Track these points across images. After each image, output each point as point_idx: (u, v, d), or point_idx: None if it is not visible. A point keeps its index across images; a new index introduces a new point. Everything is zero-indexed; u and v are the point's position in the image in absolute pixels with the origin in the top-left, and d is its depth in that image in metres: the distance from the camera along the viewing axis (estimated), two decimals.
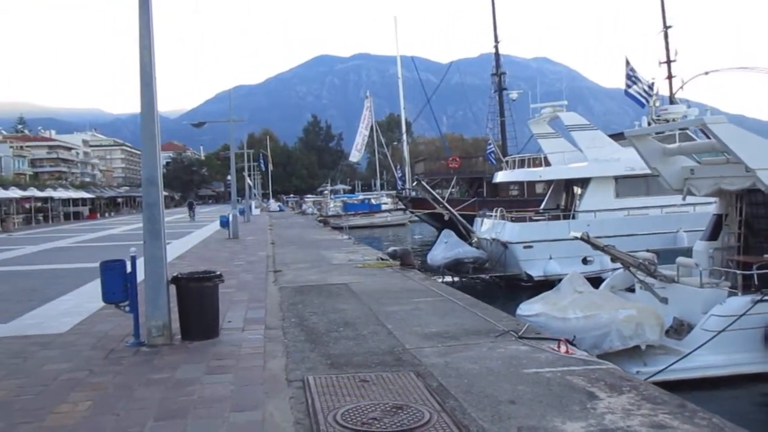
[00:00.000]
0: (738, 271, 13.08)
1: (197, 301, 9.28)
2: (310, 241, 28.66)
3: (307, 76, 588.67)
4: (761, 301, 12.20)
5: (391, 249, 20.85)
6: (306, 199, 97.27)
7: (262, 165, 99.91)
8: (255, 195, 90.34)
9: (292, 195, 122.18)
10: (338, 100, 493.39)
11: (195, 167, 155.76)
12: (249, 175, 69.41)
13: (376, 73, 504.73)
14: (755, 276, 12.67)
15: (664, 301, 13.98)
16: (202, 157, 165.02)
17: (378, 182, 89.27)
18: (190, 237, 33.02)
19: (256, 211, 67.42)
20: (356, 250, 23.58)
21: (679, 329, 13.20)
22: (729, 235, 15.41)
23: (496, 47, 49.47)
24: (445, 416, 5.85)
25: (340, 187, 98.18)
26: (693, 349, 11.99)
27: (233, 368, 7.74)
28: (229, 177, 37.16)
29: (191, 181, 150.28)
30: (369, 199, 76.18)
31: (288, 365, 7.84)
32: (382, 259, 19.73)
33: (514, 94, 47.18)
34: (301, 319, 10.80)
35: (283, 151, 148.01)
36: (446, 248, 23.95)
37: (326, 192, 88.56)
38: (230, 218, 31.74)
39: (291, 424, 5.83)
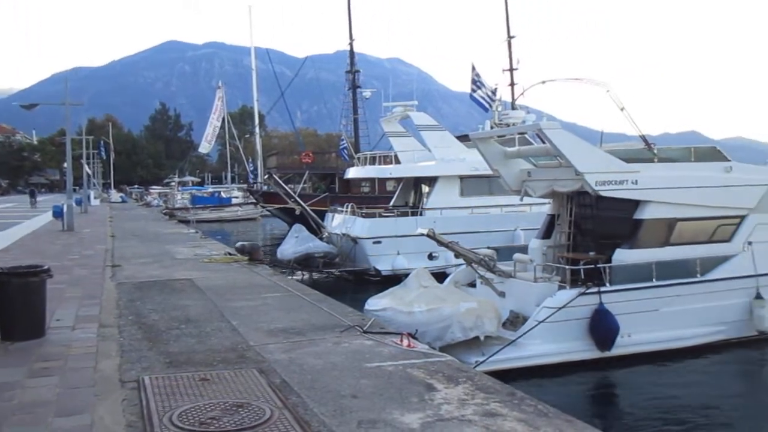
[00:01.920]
0: (567, 267, 14.08)
1: (20, 298, 8.51)
2: (153, 235, 27.37)
3: (156, 61, 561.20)
4: (586, 294, 13.23)
5: (239, 244, 20.37)
6: (151, 191, 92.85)
7: (103, 153, 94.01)
8: (94, 184, 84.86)
9: (136, 186, 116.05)
10: (189, 89, 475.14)
11: (26, 152, 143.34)
12: (88, 163, 64.97)
13: (230, 63, 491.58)
14: (582, 271, 13.71)
15: (502, 294, 14.76)
16: (35, 142, 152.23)
17: (229, 175, 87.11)
18: (18, 228, 30.32)
19: (95, 202, 63.45)
20: (203, 245, 22.84)
21: (515, 321, 14.00)
22: (560, 234, 16.59)
23: (350, 45, 49.95)
24: (286, 413, 5.78)
25: (188, 178, 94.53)
26: (517, 337, 12.74)
27: (60, 370, 7.18)
28: (65, 164, 34.55)
29: (21, 168, 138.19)
30: (219, 192, 74.10)
31: (122, 365, 7.40)
32: (229, 254, 19.25)
33: (367, 93, 47.84)
34: (140, 317, 10.26)
35: (128, 138, 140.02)
36: (297, 243, 23.82)
37: (173, 183, 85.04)
38: (64, 208, 29.49)
39: (122, 427, 5.51)
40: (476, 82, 29.62)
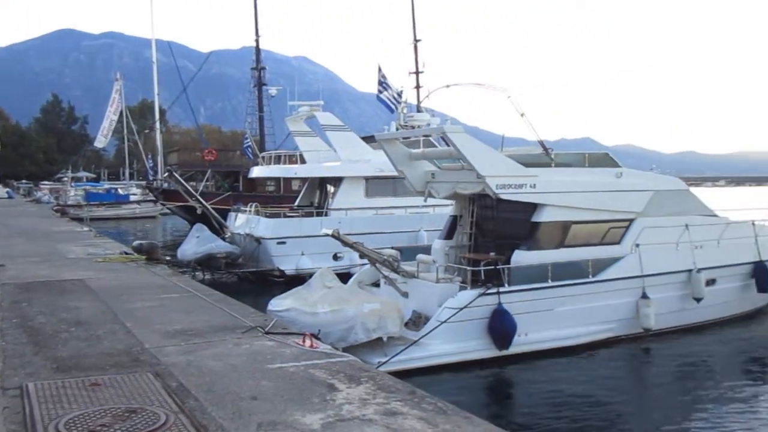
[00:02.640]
0: (468, 268, 14.42)
1: None
2: (43, 233, 25.89)
3: (48, 50, 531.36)
4: (485, 294, 13.59)
5: (136, 243, 19.60)
6: (42, 186, 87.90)
7: None
8: None
9: (24, 181, 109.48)
10: (84, 81, 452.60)
11: None
12: None
13: (129, 54, 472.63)
14: (482, 272, 14.07)
15: (405, 295, 14.93)
16: None
17: (127, 171, 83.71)
18: None
19: None
20: (97, 244, 21.79)
21: (417, 321, 14.19)
22: (462, 235, 16.97)
23: (256, 41, 49.20)
24: (183, 417, 5.58)
25: (83, 174, 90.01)
26: (419, 338, 12.95)
27: None
28: None
29: None
30: (116, 189, 71.13)
31: (4, 371, 6.94)
32: (126, 254, 18.47)
33: (273, 90, 47.20)
34: (25, 319, 9.65)
35: (15, 131, 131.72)
36: (198, 243, 23.19)
37: (66, 179, 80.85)
38: None
39: None
40: (382, 84, 29.84)
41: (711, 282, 16.60)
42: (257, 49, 49.34)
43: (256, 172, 33.06)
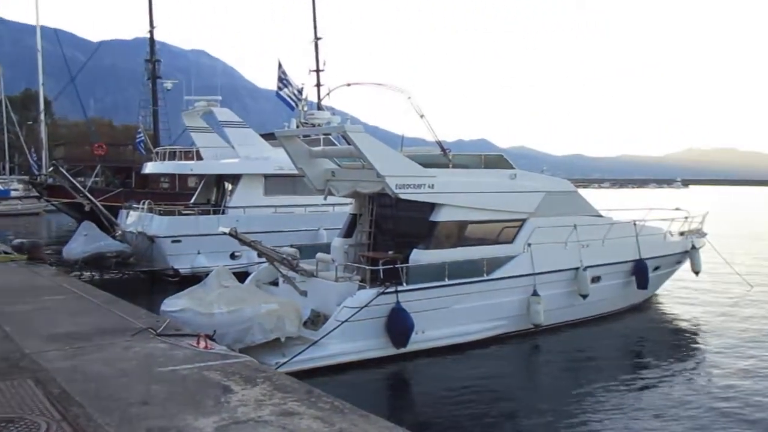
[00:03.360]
0: (367, 267, 14.49)
1: None
2: None
3: None
4: (384, 293, 13.71)
5: (17, 241, 18.47)
6: None
7: None
8: None
9: None
10: None
11: None
12: None
13: (9, 41, 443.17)
14: (381, 271, 14.18)
15: (304, 294, 14.83)
16: None
17: (7, 165, 78.58)
18: None
19: None
20: None
21: (316, 320, 14.12)
22: (361, 234, 17.04)
23: (151, 33, 47.29)
24: (65, 425, 5.30)
25: None
26: (318, 338, 12.91)
27: None
28: None
29: None
30: None
31: None
32: (5, 253, 17.36)
33: (168, 84, 45.66)
34: None
35: None
36: (86, 241, 22.09)
37: None
38: None
39: None
40: (282, 80, 29.49)
41: (596, 279, 17.49)
42: (151, 40, 47.47)
43: (150, 168, 31.88)
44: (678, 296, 21.37)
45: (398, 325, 13.71)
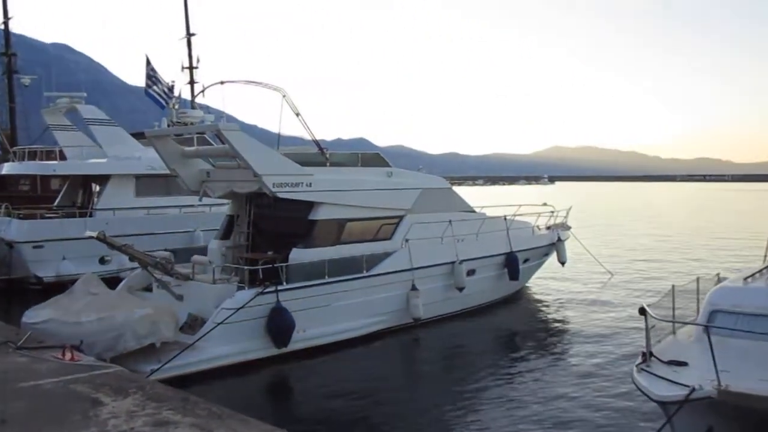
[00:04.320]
0: (245, 267, 14.25)
1: None
2: None
3: None
4: (263, 293, 13.53)
5: None
6: None
7: None
8: None
9: None
10: None
11: None
12: None
13: None
14: (260, 271, 13.98)
15: (180, 298, 14.37)
16: None
17: None
18: None
19: None
20: None
21: (194, 324, 13.72)
22: (240, 234, 16.72)
23: (6, 23, 43.97)
24: None
25: None
26: (195, 341, 12.58)
27: None
28: None
29: None
30: None
31: None
32: None
33: (26, 80, 42.57)
34: None
35: None
36: None
37: None
38: None
39: None
40: (152, 78, 28.27)
41: (471, 272, 18.15)
42: (6, 32, 44.08)
43: (7, 169, 29.59)
44: (547, 286, 22.58)
45: (279, 324, 13.59)
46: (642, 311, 8.50)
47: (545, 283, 23.02)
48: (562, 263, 22.47)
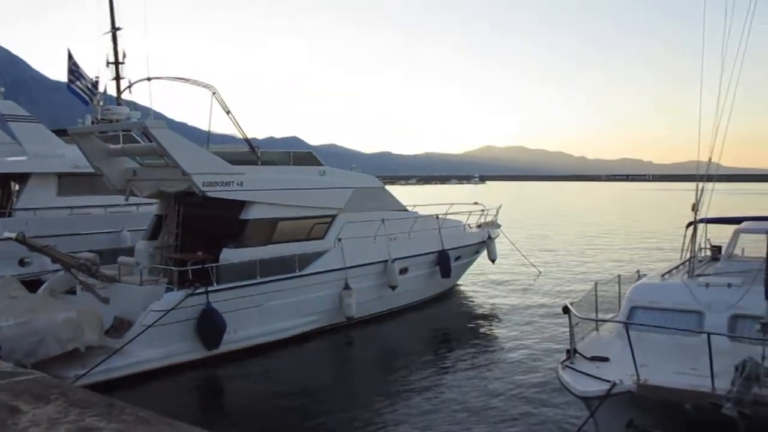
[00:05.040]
0: (174, 268, 13.94)
1: None
2: None
3: None
4: (193, 294, 13.28)
5: None
6: None
7: None
8: None
9: None
10: None
11: None
12: None
13: None
14: (190, 272, 13.71)
15: (106, 300, 13.95)
16: None
17: None
18: None
19: None
20: None
21: (120, 327, 13.34)
22: (168, 235, 16.33)
23: None
24: None
25: None
26: (122, 345, 12.26)
27: None
28: None
29: None
30: None
31: None
32: None
33: None
34: None
35: None
36: None
37: None
38: None
39: None
40: (74, 72, 27.18)
41: (404, 271, 18.31)
42: None
43: None
44: (477, 283, 23.00)
45: (209, 326, 13.38)
46: (565, 310, 8.76)
47: (476, 280, 23.44)
48: (493, 261, 22.93)
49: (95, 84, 26.83)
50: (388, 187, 19.84)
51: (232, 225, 15.20)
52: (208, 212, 15.85)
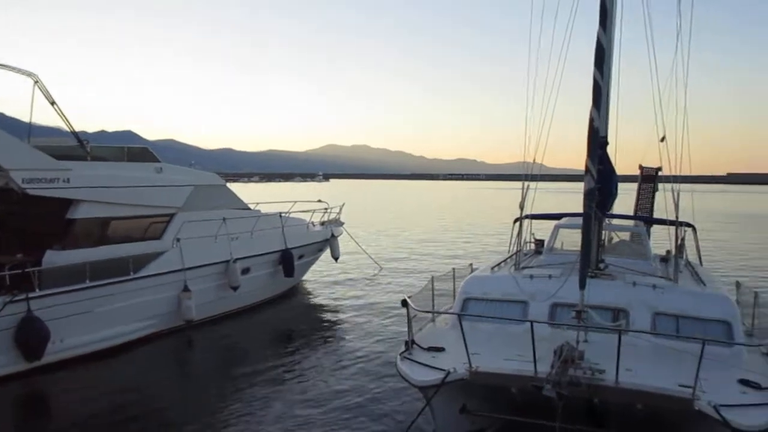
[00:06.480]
0: None
1: None
2: None
3: None
4: (12, 302, 12.15)
5: None
6: None
7: None
8: None
9: None
10: None
11: None
12: None
13: None
14: (7, 277, 12.52)
15: None
16: None
17: None
18: None
19: None
20: None
21: None
22: None
23: None
24: None
25: None
26: None
27: None
28: None
29: None
30: None
31: None
32: None
33: None
34: None
35: None
36: None
37: None
38: None
39: None
40: None
41: (246, 271, 17.96)
42: None
43: None
44: (320, 281, 23.08)
45: (30, 336, 12.32)
46: (404, 303, 9.03)
47: (319, 278, 23.51)
48: (336, 258, 23.14)
49: None
50: (230, 185, 19.34)
51: (57, 224, 14.09)
52: (30, 210, 14.56)
